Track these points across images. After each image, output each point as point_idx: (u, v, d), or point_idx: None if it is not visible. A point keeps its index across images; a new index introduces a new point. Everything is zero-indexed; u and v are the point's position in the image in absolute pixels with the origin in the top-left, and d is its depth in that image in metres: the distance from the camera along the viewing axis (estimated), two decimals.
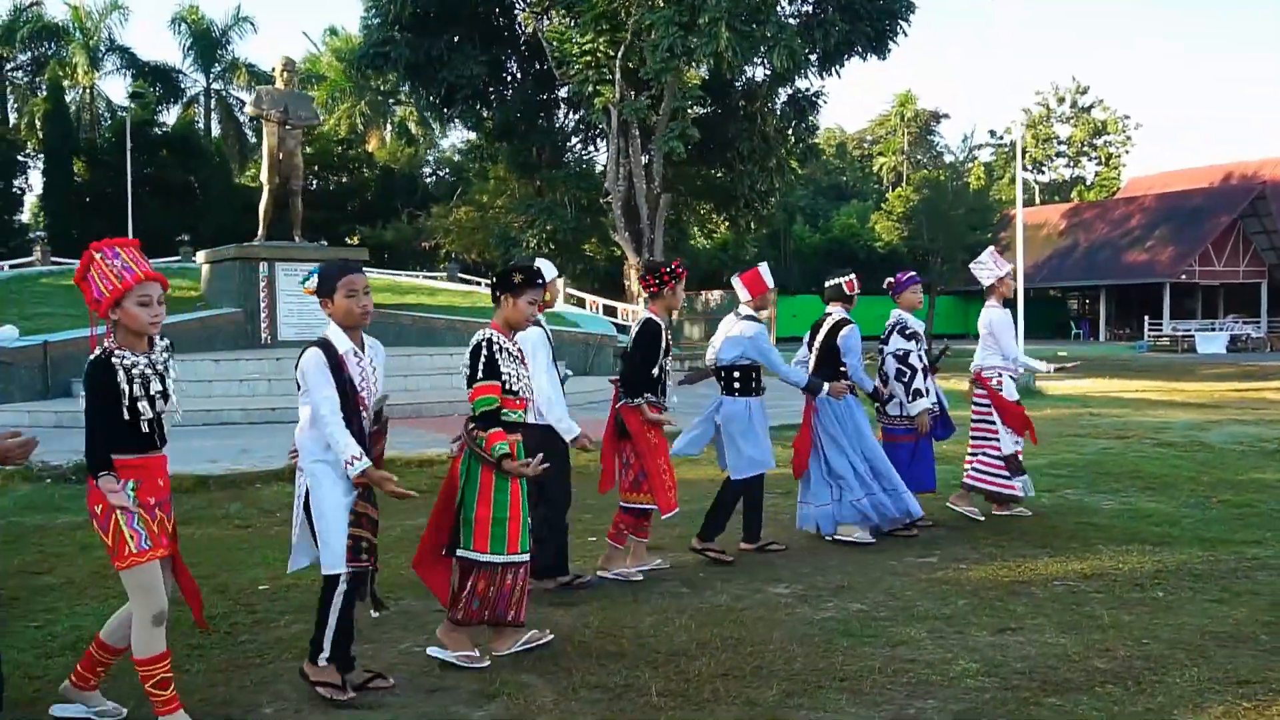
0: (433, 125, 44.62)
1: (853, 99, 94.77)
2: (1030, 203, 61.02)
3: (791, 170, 31.96)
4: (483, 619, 4.55)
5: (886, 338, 7.13)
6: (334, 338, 4.12)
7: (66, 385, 14.25)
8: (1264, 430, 12.63)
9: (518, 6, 30.55)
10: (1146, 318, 43.13)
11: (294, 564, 4.32)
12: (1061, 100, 65.96)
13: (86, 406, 3.69)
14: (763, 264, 6.60)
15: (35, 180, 44.21)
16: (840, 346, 6.65)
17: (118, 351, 3.70)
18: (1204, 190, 47.43)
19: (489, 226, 35.16)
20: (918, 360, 7.02)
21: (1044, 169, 67.62)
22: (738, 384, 6.41)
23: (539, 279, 4.71)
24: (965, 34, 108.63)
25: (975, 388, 7.55)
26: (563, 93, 30.58)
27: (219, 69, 48.15)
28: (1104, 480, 9.13)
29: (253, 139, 43.70)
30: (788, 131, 30.42)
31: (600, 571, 5.96)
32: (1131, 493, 8.53)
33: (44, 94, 42.13)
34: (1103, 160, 65.93)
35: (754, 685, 4.27)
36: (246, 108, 19.92)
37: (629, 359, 5.96)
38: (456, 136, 46.18)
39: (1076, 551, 6.42)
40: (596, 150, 33.64)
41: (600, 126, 28.92)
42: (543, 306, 5.04)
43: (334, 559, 4.09)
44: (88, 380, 3.69)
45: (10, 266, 21.50)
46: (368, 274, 4.42)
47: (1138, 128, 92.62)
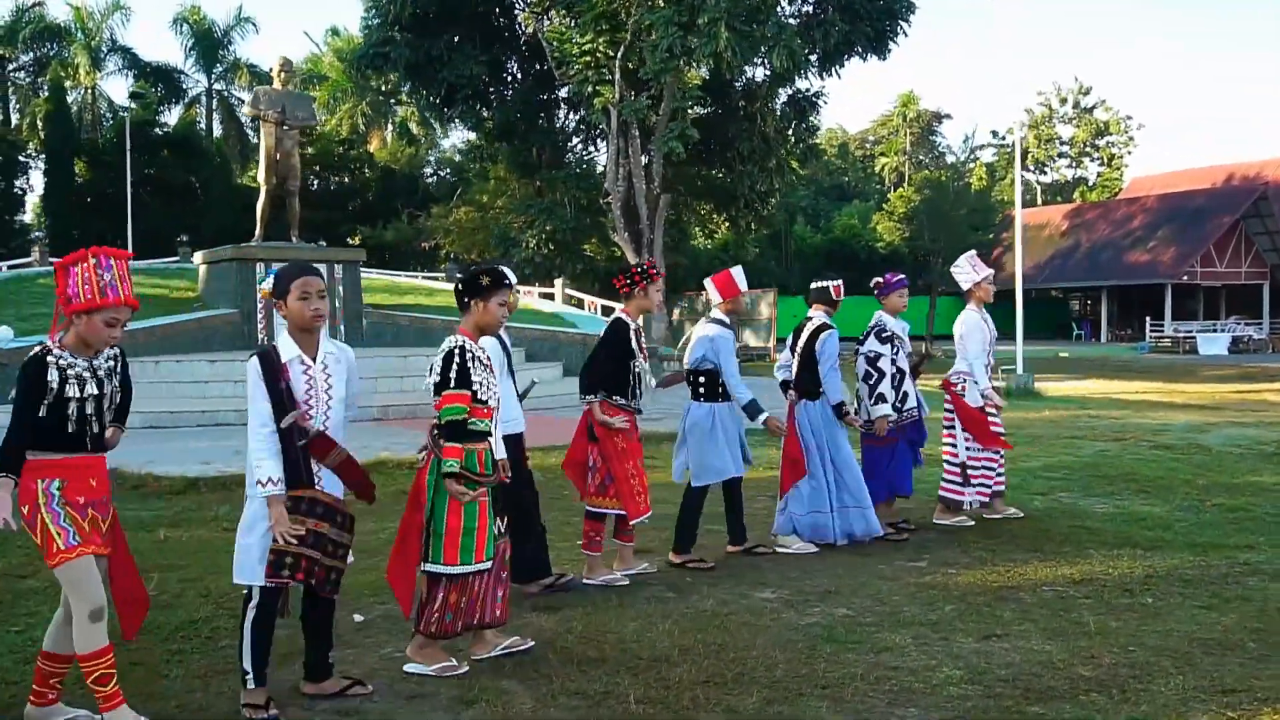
0: (434, 125, 44.56)
1: (855, 99, 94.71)
2: (1032, 203, 60.93)
3: (792, 170, 31.85)
4: (458, 630, 4.50)
5: (863, 339, 7.07)
6: (281, 344, 4.04)
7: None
8: (1262, 433, 12.57)
9: (518, 6, 30.49)
10: (1148, 319, 43.00)
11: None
12: (1064, 101, 65.79)
13: (13, 402, 3.68)
14: (737, 267, 6.52)
15: (36, 180, 44.28)
16: (817, 353, 6.57)
17: (56, 351, 3.69)
18: (1206, 191, 47.30)
19: (489, 227, 35.09)
20: (888, 365, 6.93)
21: (1046, 169, 67.46)
22: (703, 388, 6.31)
23: (505, 280, 4.66)
24: (967, 34, 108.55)
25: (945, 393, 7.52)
26: (563, 93, 30.50)
27: (220, 69, 48.12)
28: (1099, 483, 9.09)
29: (254, 139, 43.61)
30: (788, 132, 30.31)
31: (586, 580, 5.90)
32: (1126, 496, 8.49)
33: (45, 94, 42.14)
34: (1105, 161, 65.74)
35: (734, 692, 4.24)
36: (244, 108, 19.95)
37: (591, 357, 5.90)
38: (457, 137, 46.16)
39: (1068, 556, 6.37)
40: (597, 150, 33.57)
41: (600, 127, 28.84)
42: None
43: (248, 571, 4.00)
44: (18, 376, 3.68)
45: (9, 267, 21.47)
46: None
47: (1140, 128, 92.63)
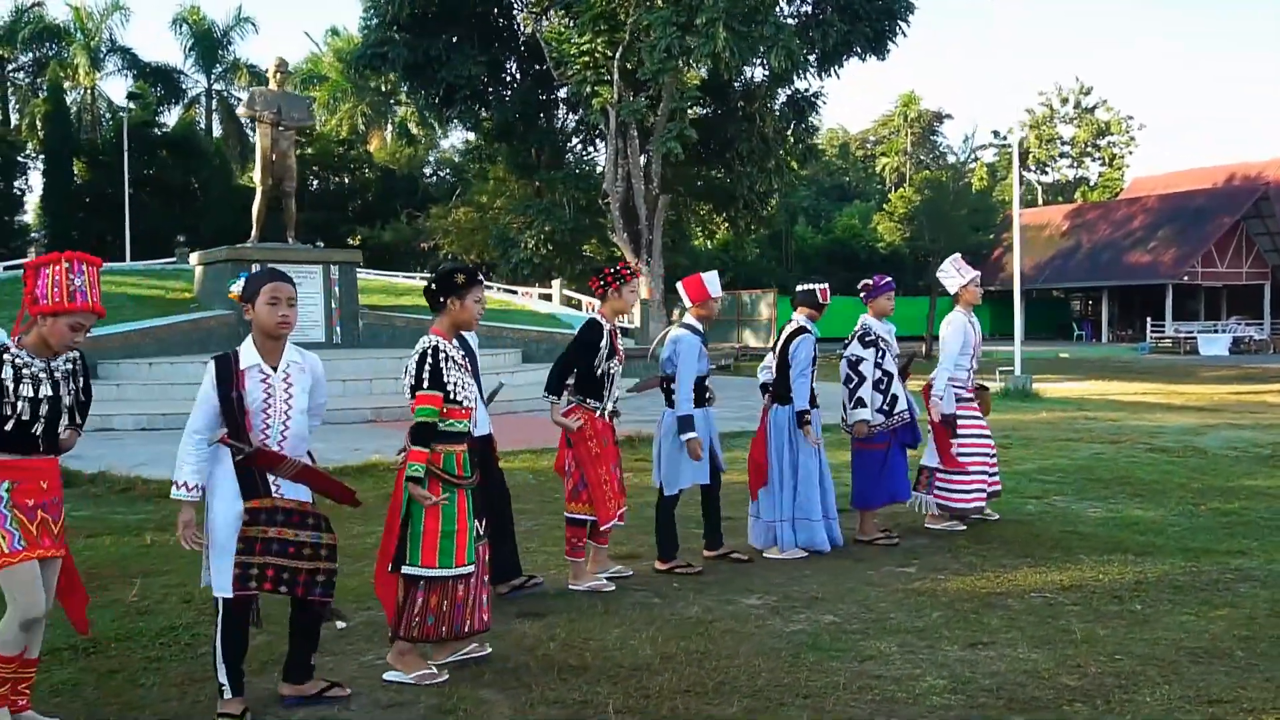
0: (433, 126, 44.53)
1: (856, 99, 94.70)
2: (1033, 203, 60.86)
3: (791, 171, 31.82)
4: (439, 635, 4.45)
5: (848, 342, 6.99)
6: (242, 351, 3.98)
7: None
8: (1259, 435, 12.51)
9: (517, 7, 30.47)
10: (1149, 319, 42.91)
11: (205, 578, 4.11)
12: (1065, 101, 65.68)
13: None
14: (711, 272, 6.37)
15: (35, 181, 44.24)
16: (789, 357, 6.47)
17: (14, 350, 3.68)
18: (1207, 191, 47.20)
19: (488, 227, 35.06)
20: (870, 369, 6.84)
21: (1047, 170, 67.36)
22: (673, 393, 6.18)
23: (479, 277, 4.64)
24: (968, 34, 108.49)
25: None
26: (562, 93, 30.49)
27: (220, 70, 48.20)
28: (1093, 486, 9.03)
29: (253, 140, 43.58)
30: (787, 132, 30.29)
31: (571, 586, 5.84)
32: (1120, 500, 8.43)
33: (44, 95, 42.12)
34: (1106, 161, 65.64)
35: (715, 702, 4.18)
36: (239, 109, 19.85)
37: (560, 356, 5.84)
38: (457, 137, 46.18)
39: (1057, 561, 6.31)
40: (596, 151, 33.56)
41: (599, 127, 28.81)
42: None
43: (219, 582, 3.94)
44: None
45: (5, 268, 21.42)
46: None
47: (1141, 128, 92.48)
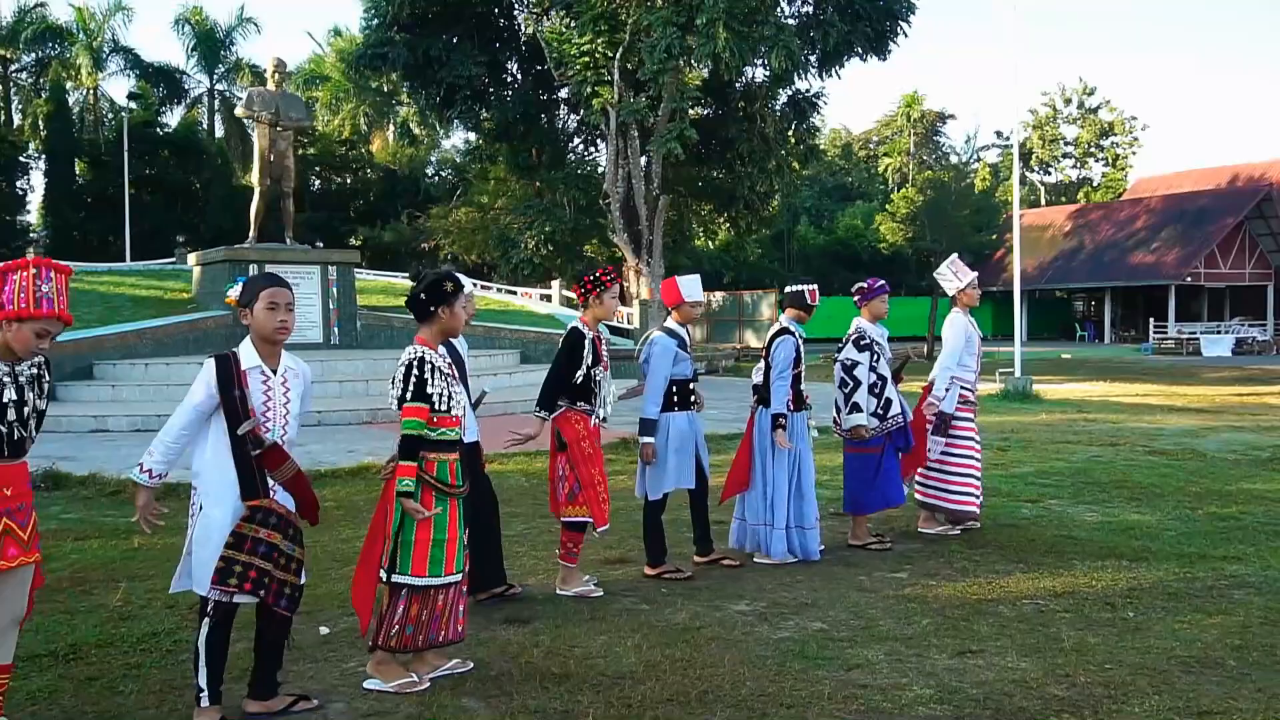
0: (435, 126, 44.52)
1: (860, 100, 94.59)
2: (1037, 204, 60.74)
3: (792, 171, 31.74)
4: (417, 645, 4.41)
5: (842, 346, 6.92)
6: (243, 352, 4.00)
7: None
8: (1259, 437, 12.43)
9: (517, 7, 30.42)
10: (1152, 320, 42.79)
11: (177, 585, 4.08)
12: (1068, 101, 65.51)
13: None
14: (690, 276, 6.27)
15: (37, 181, 44.26)
16: (770, 359, 6.41)
17: None
18: (1210, 192, 47.08)
19: (488, 228, 35.02)
20: (865, 373, 6.78)
21: (1050, 170, 67.19)
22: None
23: (462, 284, 4.61)
24: (971, 34, 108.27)
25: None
26: (563, 93, 30.44)
27: (222, 70, 48.16)
28: (1090, 490, 8.96)
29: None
30: (788, 132, 30.21)
31: (560, 590, 5.79)
32: (1116, 503, 8.36)
33: (46, 95, 42.13)
34: (1109, 161, 65.48)
35: (697, 712, 4.12)
36: (238, 109, 19.81)
37: (550, 371, 5.77)
38: (459, 137, 46.14)
39: (1050, 567, 6.25)
40: (597, 151, 33.50)
41: (600, 128, 28.76)
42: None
43: (199, 577, 3.93)
44: None
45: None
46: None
47: (1144, 129, 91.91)
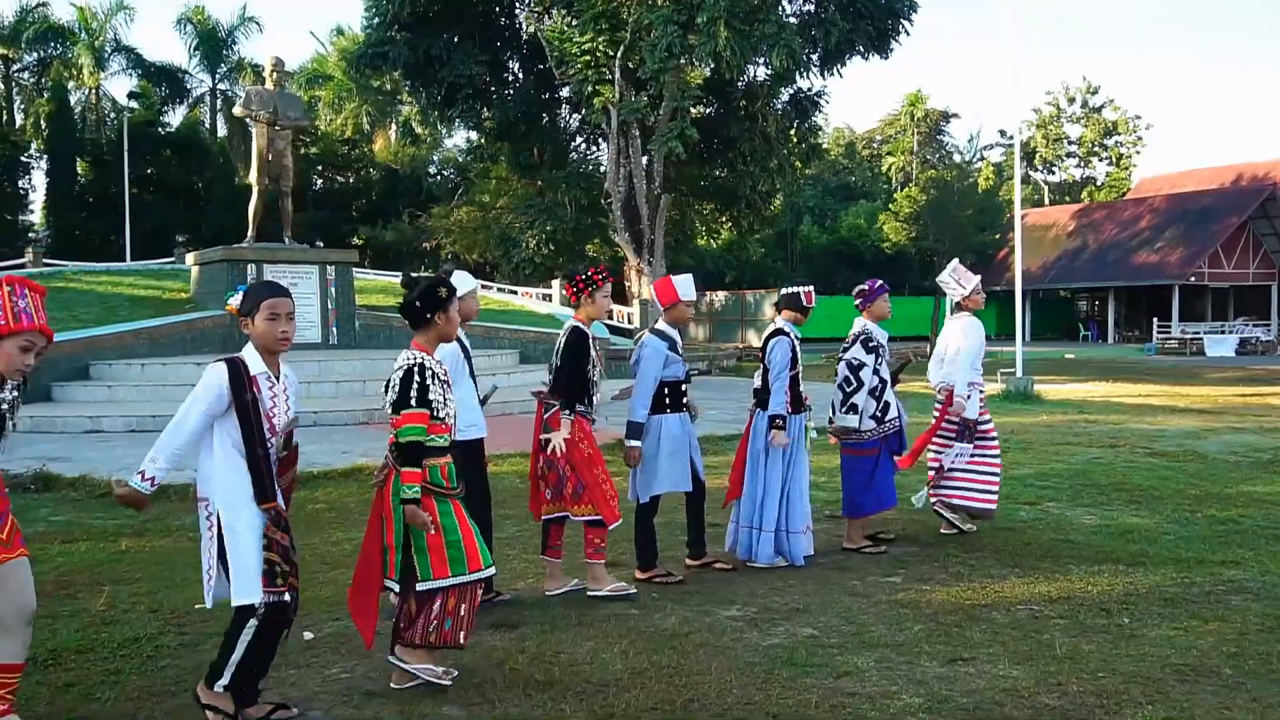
0: (438, 125, 44.47)
1: (864, 98, 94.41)
2: (1040, 203, 60.58)
3: (794, 170, 31.66)
4: (458, 640, 4.38)
5: (848, 346, 6.85)
6: (248, 358, 3.99)
7: (47, 390, 14.25)
8: (1261, 439, 12.32)
9: (518, 6, 30.38)
10: (1155, 319, 42.63)
11: (214, 596, 4.05)
12: (1072, 100, 65.36)
13: None
14: (685, 275, 6.23)
15: (39, 181, 44.30)
16: (766, 360, 6.34)
17: None
18: (1214, 191, 46.91)
19: (490, 227, 34.98)
20: (869, 375, 6.73)
21: (1054, 169, 67.04)
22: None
23: (454, 287, 4.58)
24: (975, 32, 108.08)
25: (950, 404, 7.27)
26: (564, 92, 30.40)
27: (225, 69, 48.16)
28: (1088, 492, 8.87)
29: None
30: (789, 131, 30.14)
31: (591, 591, 5.74)
32: (1115, 506, 8.28)
33: (48, 95, 42.13)
34: (1113, 160, 65.32)
35: None
36: (235, 108, 19.77)
37: (558, 371, 5.71)
38: (461, 136, 46.09)
39: (1046, 572, 6.17)
40: (599, 150, 33.45)
41: (602, 126, 28.72)
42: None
43: (249, 587, 3.89)
44: None
45: (1, 269, 21.42)
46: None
47: (1148, 128, 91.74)
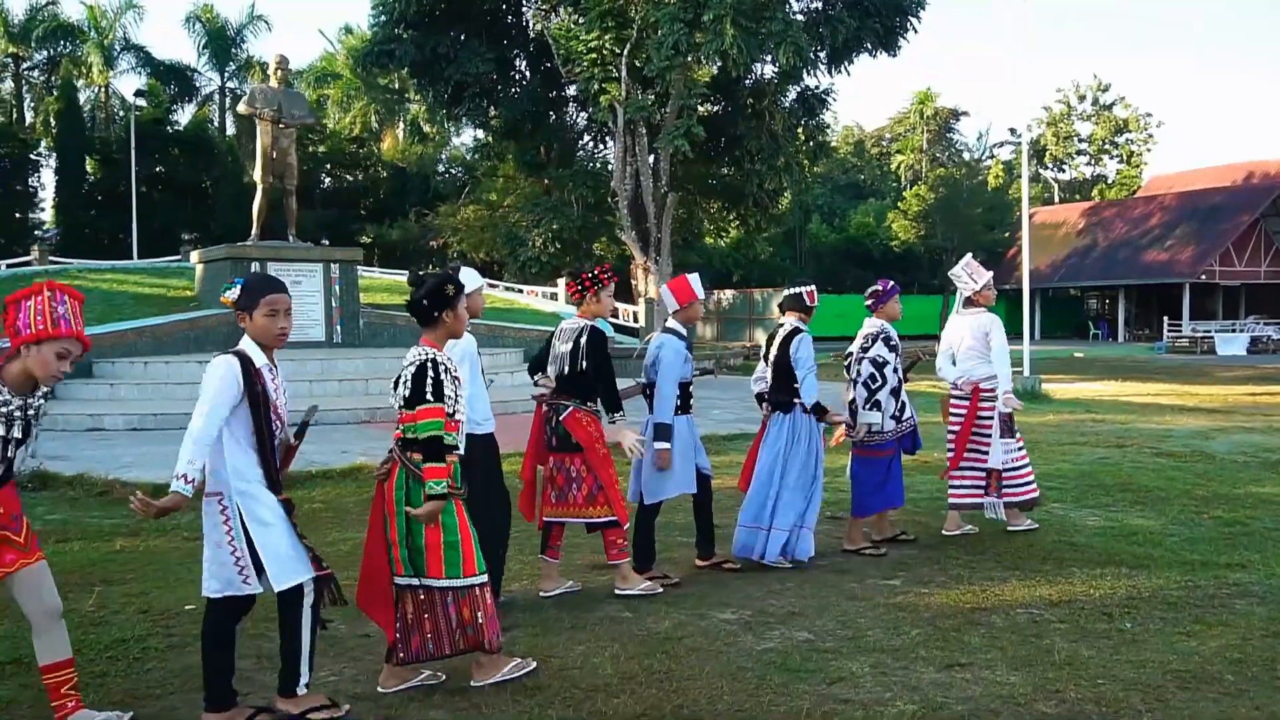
0: (446, 124, 44.45)
1: (873, 96, 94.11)
2: (1050, 201, 60.32)
3: (802, 168, 31.53)
4: (479, 644, 4.32)
5: (868, 345, 6.75)
6: (250, 351, 3.98)
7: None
8: (1270, 439, 12.19)
9: (525, 4, 30.31)
10: (1166, 318, 42.38)
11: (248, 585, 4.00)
12: (1083, 98, 65.06)
13: None
14: (694, 274, 6.23)
15: (48, 179, 44.35)
16: (792, 359, 6.26)
17: None
18: (1225, 189, 46.62)
19: (497, 225, 34.94)
20: (892, 374, 6.70)
21: (1065, 167, 66.76)
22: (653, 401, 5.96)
23: (462, 283, 4.55)
24: (984, 30, 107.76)
25: (980, 400, 7.06)
26: (571, 90, 30.33)
27: (233, 68, 48.17)
28: (1094, 493, 8.77)
29: None
30: (797, 129, 30.01)
31: (620, 590, 5.70)
32: (1120, 507, 8.17)
33: (58, 93, 42.23)
34: (1124, 158, 64.98)
35: None
36: (240, 106, 19.72)
37: (583, 372, 5.60)
38: (469, 135, 46.06)
39: (1048, 575, 6.07)
40: (606, 148, 33.35)
41: (608, 125, 28.64)
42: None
43: (292, 568, 3.94)
44: None
45: (7, 266, 21.44)
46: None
47: (1159, 126, 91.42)
